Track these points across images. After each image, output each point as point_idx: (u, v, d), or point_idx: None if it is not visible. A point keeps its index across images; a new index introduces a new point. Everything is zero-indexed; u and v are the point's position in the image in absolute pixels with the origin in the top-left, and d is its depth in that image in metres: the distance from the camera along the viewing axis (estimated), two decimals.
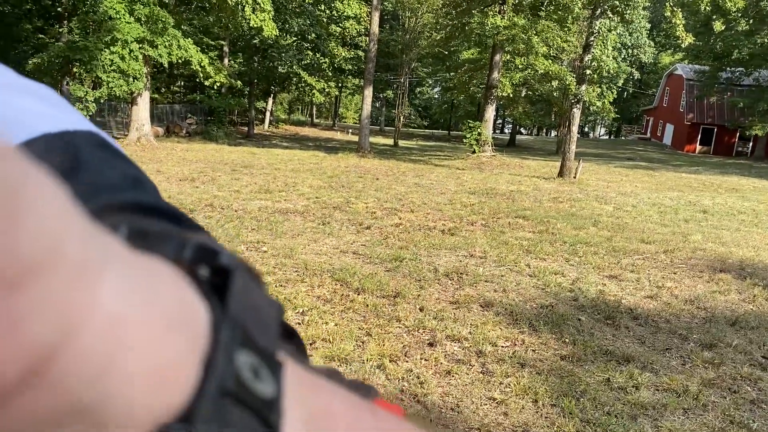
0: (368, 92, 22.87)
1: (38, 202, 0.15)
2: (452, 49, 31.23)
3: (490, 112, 23.14)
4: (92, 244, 0.17)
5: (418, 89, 63.66)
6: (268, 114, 43.15)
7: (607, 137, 66.85)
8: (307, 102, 57.02)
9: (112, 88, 17.39)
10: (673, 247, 7.68)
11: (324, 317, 4.57)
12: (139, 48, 17.74)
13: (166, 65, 19.81)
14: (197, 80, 30.39)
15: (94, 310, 0.16)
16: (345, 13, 33.69)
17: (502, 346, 4.24)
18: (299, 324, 4.44)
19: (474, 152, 22.11)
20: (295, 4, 30.32)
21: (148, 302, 0.18)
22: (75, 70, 17.98)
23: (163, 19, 17.98)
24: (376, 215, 8.84)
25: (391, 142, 34.19)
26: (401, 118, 37.34)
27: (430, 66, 43.41)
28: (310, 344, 4.09)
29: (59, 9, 26.87)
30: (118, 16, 17.04)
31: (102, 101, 18.91)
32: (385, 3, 39.71)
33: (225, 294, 0.21)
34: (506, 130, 58.59)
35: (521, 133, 57.78)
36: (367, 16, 32.78)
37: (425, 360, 3.94)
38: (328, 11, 34.65)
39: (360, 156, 21.03)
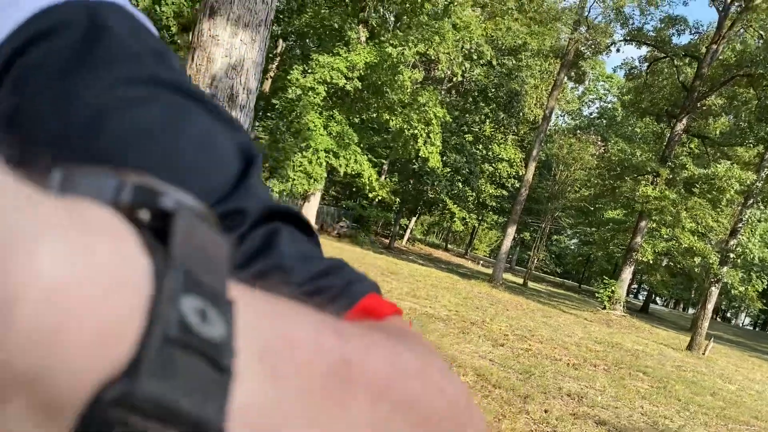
0: (510, 231, 24.41)
1: None
2: (598, 206, 32.33)
3: (627, 274, 23.64)
4: (23, 212, 0.16)
5: (555, 237, 64.31)
6: (408, 231, 45.94)
7: (751, 327, 62.53)
8: (444, 227, 59.72)
9: (295, 185, 20.39)
10: None
11: None
12: (325, 156, 20.82)
13: (341, 174, 22.79)
14: (354, 189, 33.72)
15: (31, 280, 0.16)
16: (500, 155, 36.23)
17: None
18: None
19: (604, 308, 22.52)
20: (456, 142, 33.24)
21: (86, 264, 0.17)
22: (266, 164, 21.33)
23: (350, 137, 21.07)
24: (508, 337, 10.02)
25: (520, 280, 35.02)
26: (535, 260, 38.20)
27: (573, 218, 44.49)
28: None
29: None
30: (315, 129, 20.32)
31: (283, 194, 22.03)
32: (541, 151, 42.11)
33: (168, 238, 0.20)
34: (640, 296, 56.94)
35: (656, 303, 55.88)
36: (521, 161, 35.08)
37: None
38: (484, 151, 37.39)
39: (492, 286, 22.25)
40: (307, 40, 26.34)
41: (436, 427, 0.28)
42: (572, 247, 63.46)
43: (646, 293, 44.66)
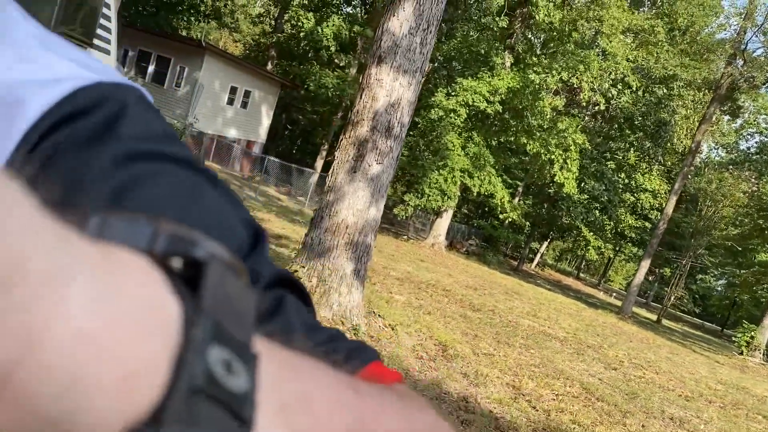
0: (645, 264, 23.88)
1: (1, 212, 0.15)
2: (749, 247, 30.38)
3: None
4: (58, 254, 0.17)
5: (699, 276, 60.28)
6: (538, 255, 45.52)
7: None
8: (578, 255, 58.18)
9: (430, 200, 21.55)
10: None
11: (569, 406, 6.52)
12: (460, 176, 21.80)
13: (475, 194, 23.64)
14: (486, 208, 34.25)
15: (59, 323, 0.16)
16: (643, 186, 35.09)
17: None
18: (553, 400, 6.47)
19: (741, 353, 21.39)
20: (596, 169, 32.77)
21: (116, 309, 0.17)
22: (404, 178, 22.71)
23: (486, 158, 21.90)
24: (623, 364, 10.36)
25: (654, 317, 33.63)
26: (671, 298, 36.46)
27: (719, 257, 41.73)
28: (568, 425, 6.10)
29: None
30: (453, 149, 21.39)
31: (419, 208, 23.30)
32: (687, 186, 40.07)
33: (199, 287, 0.21)
34: None
35: None
36: (666, 193, 33.76)
37: None
38: (627, 180, 36.35)
39: (619, 318, 21.95)
40: (453, 62, 27.52)
41: None
42: (718, 289, 59.23)
43: None
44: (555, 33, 22.49)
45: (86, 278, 0.17)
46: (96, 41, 5.03)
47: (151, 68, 23.35)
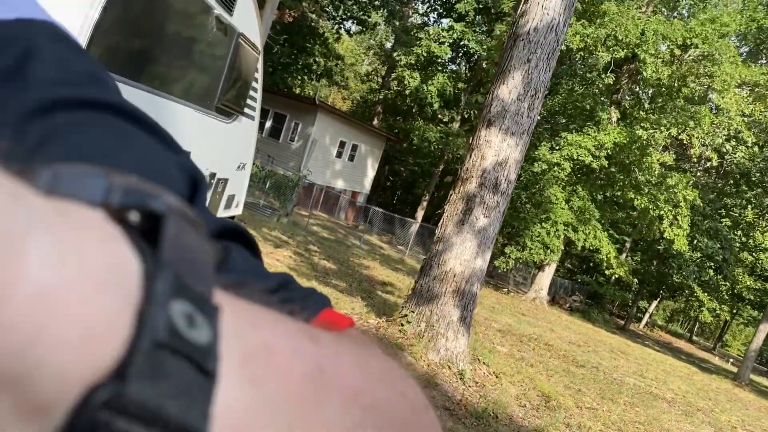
0: (763, 327, 22.39)
1: None
2: None
3: None
4: (13, 212, 0.17)
5: None
6: (647, 315, 43.41)
7: None
8: (691, 317, 54.80)
9: (532, 254, 21.52)
10: None
11: None
12: (564, 229, 21.67)
13: (578, 248, 23.32)
14: (590, 263, 33.36)
15: (18, 280, 0.16)
16: (763, 245, 33.02)
17: None
18: None
19: None
20: (710, 226, 31.30)
21: (75, 265, 0.17)
22: (506, 230, 22.83)
23: (591, 213, 21.68)
24: (736, 429, 9.91)
25: None
26: None
27: None
28: None
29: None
30: (556, 202, 21.37)
31: (520, 261, 23.28)
32: None
33: (158, 240, 0.20)
34: None
35: None
36: None
37: None
38: (744, 238, 34.37)
39: (735, 384, 20.58)
40: (557, 116, 27.66)
41: (401, 430, 0.29)
42: None
43: None
44: (663, 89, 22.20)
45: (42, 236, 0.17)
46: (245, 109, 5.89)
47: (268, 124, 25.20)
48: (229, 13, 4.87)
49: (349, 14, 32.03)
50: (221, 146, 5.65)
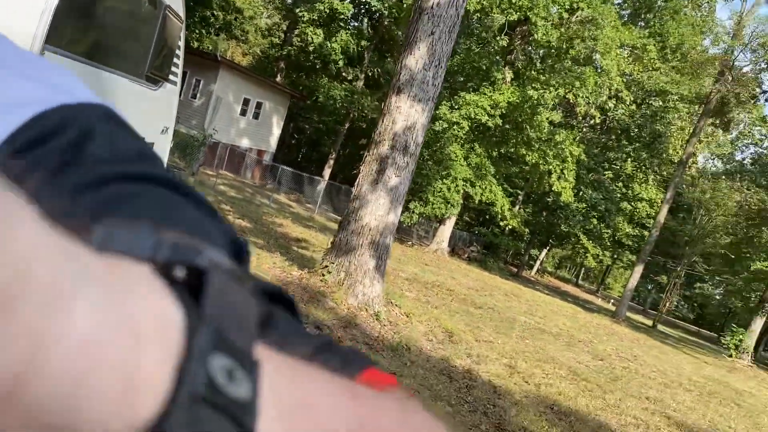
0: (638, 269, 25.05)
1: (5, 227, 0.16)
2: (745, 255, 31.48)
3: (758, 324, 23.37)
4: (63, 264, 0.17)
5: (698, 284, 61.35)
6: (538, 262, 46.66)
7: None
8: (577, 263, 59.31)
9: (434, 208, 22.72)
10: None
11: (557, 383, 7.64)
12: (463, 185, 22.98)
13: (476, 202, 24.79)
14: (487, 216, 35.36)
15: (63, 334, 0.16)
16: (640, 195, 36.21)
17: None
18: (543, 377, 7.58)
19: (730, 356, 22.49)
20: (594, 178, 33.92)
21: (119, 319, 0.18)
22: (411, 186, 23.93)
23: (487, 168, 23.09)
24: (611, 356, 11.48)
25: (650, 322, 34.72)
26: (667, 304, 37.57)
27: (715, 266, 42.84)
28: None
29: None
30: (456, 159, 22.57)
31: (422, 216, 24.46)
32: (682, 195, 41.21)
33: (201, 295, 0.21)
34: None
35: None
36: (661, 202, 34.90)
37: None
38: (624, 189, 37.49)
39: (613, 321, 23.05)
40: (456, 76, 28.76)
41: None
42: (718, 297, 60.26)
43: None
44: (553, 50, 23.70)
45: (90, 290, 0.17)
46: (170, 76, 6.19)
47: None
48: None
49: None
50: (149, 112, 5.96)
